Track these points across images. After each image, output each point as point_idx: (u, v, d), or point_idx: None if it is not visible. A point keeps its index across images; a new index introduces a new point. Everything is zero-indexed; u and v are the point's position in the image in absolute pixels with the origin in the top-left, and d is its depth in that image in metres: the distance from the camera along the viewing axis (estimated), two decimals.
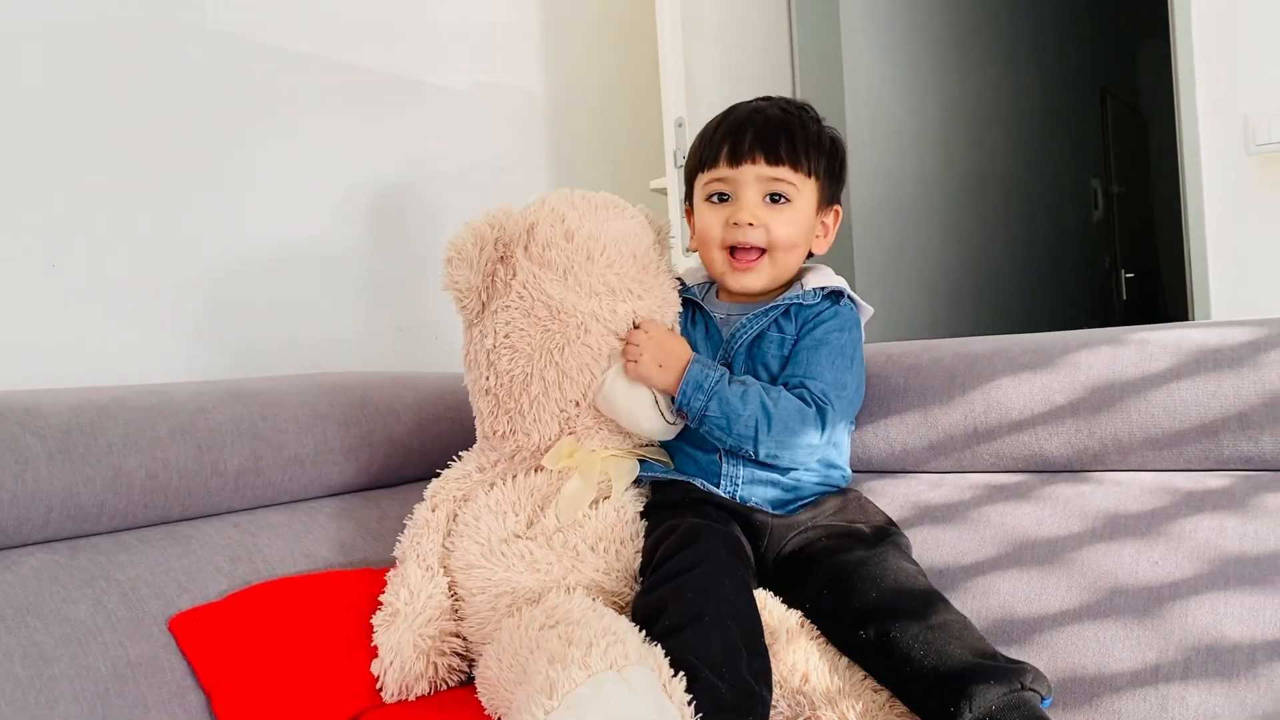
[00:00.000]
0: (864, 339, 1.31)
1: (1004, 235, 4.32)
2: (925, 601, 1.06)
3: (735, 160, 1.26)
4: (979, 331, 1.33)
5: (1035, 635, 1.13)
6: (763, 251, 1.27)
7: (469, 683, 1.20)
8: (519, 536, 1.21)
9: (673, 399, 1.22)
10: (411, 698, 1.17)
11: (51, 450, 1.08)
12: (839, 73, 3.11)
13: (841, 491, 1.27)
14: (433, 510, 1.28)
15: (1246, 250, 2.20)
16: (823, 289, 1.29)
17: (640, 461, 1.29)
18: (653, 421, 1.24)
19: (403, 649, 1.17)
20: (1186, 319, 1.98)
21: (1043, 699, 0.99)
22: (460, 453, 1.34)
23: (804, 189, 1.27)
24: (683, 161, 2.07)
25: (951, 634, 1.02)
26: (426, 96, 2.02)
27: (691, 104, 2.09)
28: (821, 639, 1.10)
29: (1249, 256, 2.20)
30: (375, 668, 1.17)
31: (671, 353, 1.22)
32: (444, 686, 1.20)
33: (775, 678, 1.04)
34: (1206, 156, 2.24)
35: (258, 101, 1.72)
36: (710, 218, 1.29)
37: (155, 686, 1.05)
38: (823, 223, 1.32)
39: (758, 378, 1.26)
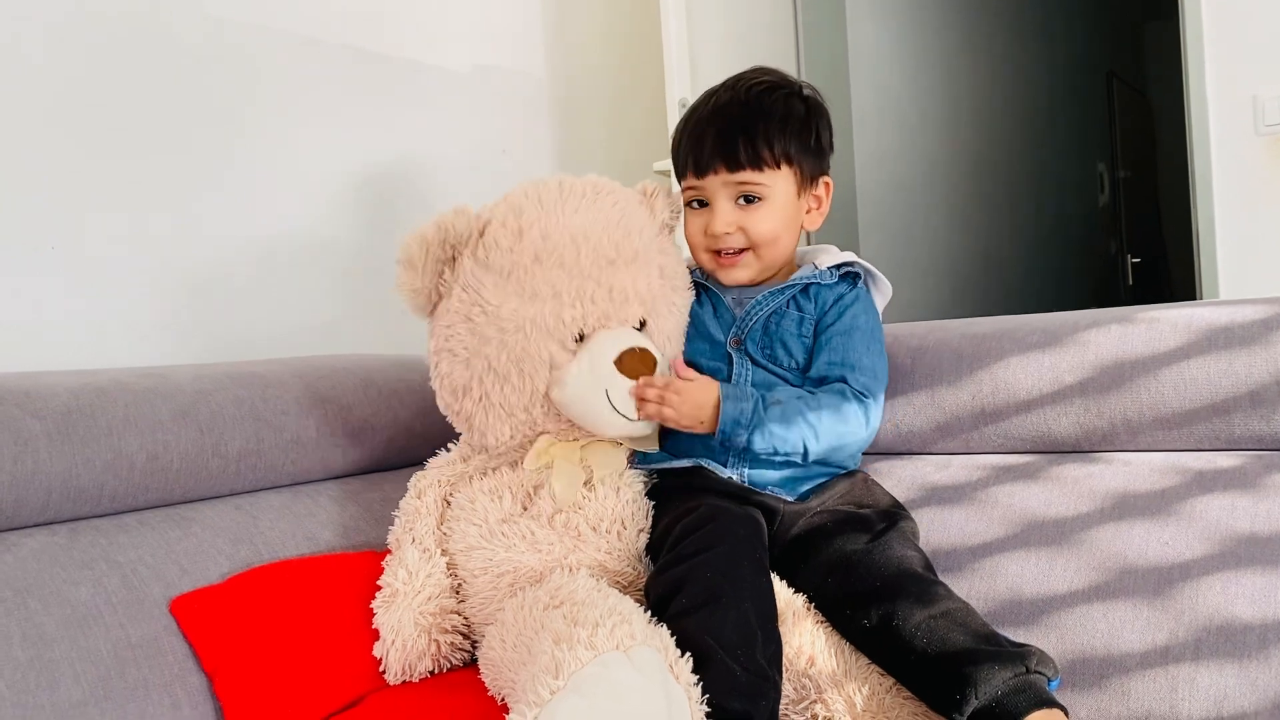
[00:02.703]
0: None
1: (1010, 220, 4.30)
2: (929, 589, 1.05)
3: (700, 172, 1.27)
4: (984, 316, 1.32)
5: (1044, 616, 1.12)
6: (745, 249, 1.28)
7: (473, 663, 1.19)
8: (517, 518, 1.20)
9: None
10: (415, 678, 1.17)
11: (51, 432, 1.08)
12: (844, 53, 3.09)
13: (850, 474, 1.26)
14: (419, 497, 1.27)
15: (1255, 232, 2.19)
16: (837, 267, 1.29)
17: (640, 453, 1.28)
18: (615, 428, 1.21)
19: (404, 628, 1.16)
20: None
21: (1049, 681, 0.98)
22: (449, 444, 1.33)
23: (776, 181, 1.26)
24: None
25: (955, 621, 1.01)
26: (426, 79, 2.00)
27: (695, 85, 2.08)
28: (827, 622, 1.09)
29: (1258, 238, 2.19)
30: (378, 649, 1.17)
31: (703, 402, 1.18)
32: (447, 665, 1.19)
33: (782, 658, 1.03)
34: (1215, 137, 2.22)
35: (254, 84, 1.71)
36: (692, 224, 1.31)
37: (156, 668, 1.04)
38: (814, 196, 1.31)
39: (775, 357, 1.26)
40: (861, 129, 3.14)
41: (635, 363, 1.18)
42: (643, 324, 1.24)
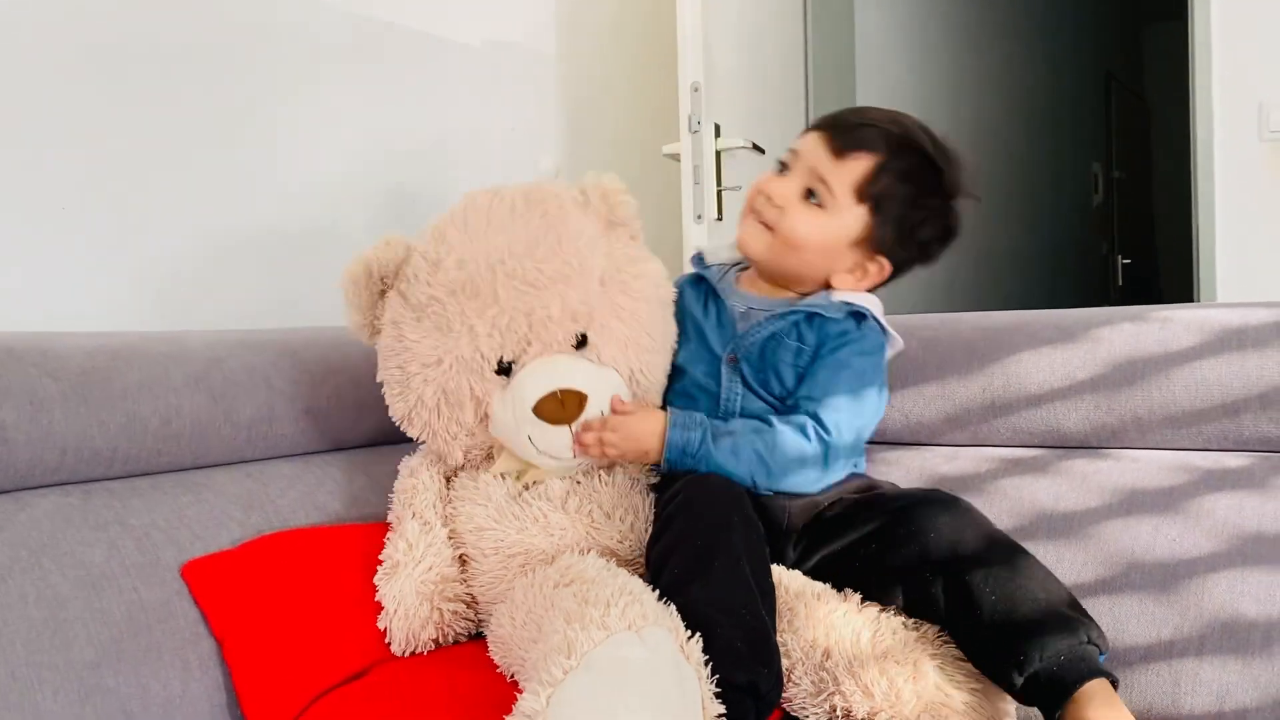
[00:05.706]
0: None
1: (1003, 217, 4.31)
2: (997, 547, 1.03)
3: (807, 130, 1.24)
4: (973, 310, 1.34)
5: None
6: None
7: (478, 638, 1.20)
8: (526, 497, 1.20)
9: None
10: (420, 648, 1.17)
11: (67, 393, 1.07)
12: (851, 47, 3.09)
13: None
14: (412, 475, 1.26)
15: (1256, 238, 2.21)
16: (848, 305, 1.21)
17: None
18: (551, 466, 1.19)
19: (406, 597, 1.16)
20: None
21: (1101, 653, 0.96)
22: None
23: (845, 205, 1.19)
24: (698, 127, 2.06)
25: (1030, 578, 0.99)
26: (437, 51, 1.99)
27: (708, 69, 2.07)
28: (842, 608, 1.07)
29: (1258, 244, 2.21)
30: (381, 621, 1.16)
31: (645, 434, 1.15)
32: (451, 635, 1.19)
33: (798, 653, 1.03)
34: (1219, 142, 2.24)
35: (264, 55, 1.69)
36: (759, 180, 1.24)
37: (168, 632, 1.04)
38: (862, 265, 1.23)
39: (767, 385, 1.21)
40: None
41: (554, 408, 1.14)
42: (584, 338, 1.19)
